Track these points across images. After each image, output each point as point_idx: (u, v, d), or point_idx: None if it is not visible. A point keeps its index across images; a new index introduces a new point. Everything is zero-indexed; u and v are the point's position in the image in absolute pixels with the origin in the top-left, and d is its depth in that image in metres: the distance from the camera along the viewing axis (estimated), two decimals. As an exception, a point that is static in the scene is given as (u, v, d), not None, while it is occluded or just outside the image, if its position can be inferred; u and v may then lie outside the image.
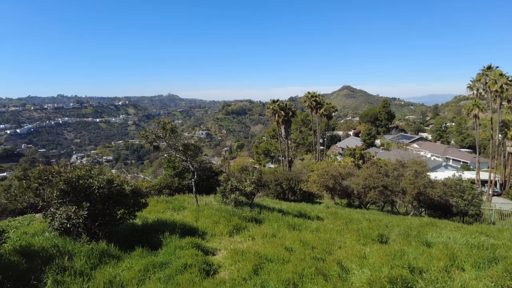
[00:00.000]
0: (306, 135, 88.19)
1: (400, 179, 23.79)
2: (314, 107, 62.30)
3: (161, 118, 17.81)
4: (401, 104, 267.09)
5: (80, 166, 9.87)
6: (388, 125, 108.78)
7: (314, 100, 61.87)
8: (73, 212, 8.66)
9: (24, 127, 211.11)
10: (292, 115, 52.55)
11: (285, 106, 51.03)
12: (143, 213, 12.44)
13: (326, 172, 26.64)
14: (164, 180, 23.32)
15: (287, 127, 52.02)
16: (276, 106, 50.38)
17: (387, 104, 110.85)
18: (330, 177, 26.24)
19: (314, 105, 61.99)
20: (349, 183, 26.44)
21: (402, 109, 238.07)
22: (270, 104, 52.22)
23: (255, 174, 16.14)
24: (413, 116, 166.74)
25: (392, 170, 25.05)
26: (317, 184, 26.83)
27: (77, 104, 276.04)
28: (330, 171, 26.72)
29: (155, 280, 7.40)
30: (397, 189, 23.22)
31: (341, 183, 26.85)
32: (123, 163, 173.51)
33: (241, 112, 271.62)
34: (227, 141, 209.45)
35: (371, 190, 23.64)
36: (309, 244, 10.48)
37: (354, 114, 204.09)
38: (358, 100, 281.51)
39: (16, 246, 8.41)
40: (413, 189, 21.78)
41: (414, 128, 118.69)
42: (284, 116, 49.93)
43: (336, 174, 26.61)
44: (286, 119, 50.59)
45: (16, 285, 6.79)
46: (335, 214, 18.89)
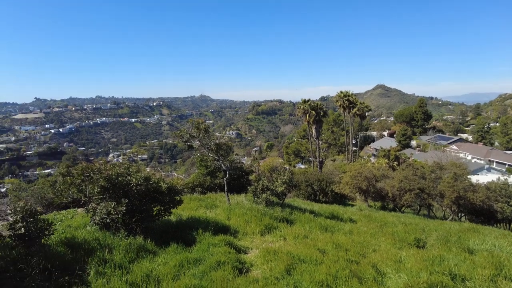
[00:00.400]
0: (338, 135, 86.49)
1: (437, 182, 22.75)
2: (347, 106, 60.95)
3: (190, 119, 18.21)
4: (439, 103, 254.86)
5: (119, 164, 10.31)
6: (425, 126, 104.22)
7: (346, 100, 60.54)
8: (113, 208, 9.07)
9: (66, 127, 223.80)
10: (324, 115, 51.68)
11: (316, 105, 50.28)
12: (178, 210, 12.77)
13: (359, 173, 26.02)
14: (197, 179, 23.79)
15: (318, 127, 51.24)
16: (307, 106, 49.80)
17: (423, 103, 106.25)
18: (364, 178, 25.59)
19: (347, 104, 60.65)
20: (383, 185, 25.66)
21: (440, 108, 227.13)
22: (300, 104, 51.70)
23: (286, 174, 16.08)
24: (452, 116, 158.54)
25: (429, 173, 24.02)
26: (349, 186, 26.27)
27: (114, 105, 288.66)
28: (363, 172, 26.07)
29: (189, 275, 7.58)
30: (435, 192, 22.22)
31: (375, 185, 26.11)
32: (157, 161, 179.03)
33: (271, 112, 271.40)
34: (257, 141, 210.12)
35: (407, 193, 22.80)
36: (342, 246, 10.31)
37: (388, 114, 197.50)
38: (393, 99, 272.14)
39: (61, 238, 8.94)
40: (452, 192, 20.74)
41: (452, 128, 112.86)
42: (315, 116, 49.22)
43: (369, 176, 25.91)
44: (317, 119, 49.85)
45: (63, 274, 7.22)
46: (368, 216, 18.43)
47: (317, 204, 24.15)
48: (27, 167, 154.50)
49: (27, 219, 7.14)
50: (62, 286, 6.84)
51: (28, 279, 6.57)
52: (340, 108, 64.52)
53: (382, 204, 28.48)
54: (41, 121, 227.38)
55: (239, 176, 24.30)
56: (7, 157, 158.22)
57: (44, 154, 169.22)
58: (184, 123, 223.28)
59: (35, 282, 6.52)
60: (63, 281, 6.99)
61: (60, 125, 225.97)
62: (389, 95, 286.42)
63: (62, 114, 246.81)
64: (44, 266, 7.22)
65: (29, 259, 7.22)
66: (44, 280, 6.79)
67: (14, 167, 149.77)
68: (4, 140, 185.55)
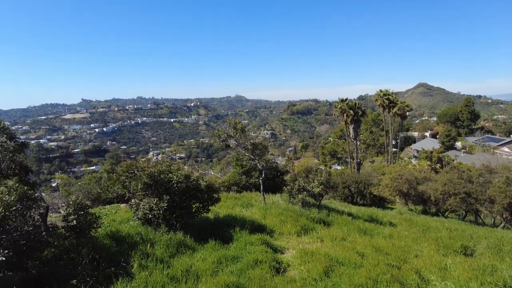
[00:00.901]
0: (377, 136, 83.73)
1: (486, 186, 21.26)
2: (387, 106, 58.77)
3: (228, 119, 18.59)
4: (488, 102, 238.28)
5: (161, 162, 10.70)
6: (471, 126, 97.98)
7: (386, 99, 58.40)
8: (155, 204, 9.43)
9: (109, 126, 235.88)
10: (362, 114, 50.31)
11: (354, 105, 49.03)
12: (215, 208, 13.02)
13: (399, 175, 25.00)
14: (233, 178, 24.12)
15: (356, 127, 49.93)
16: (344, 105, 48.71)
17: (470, 102, 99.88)
18: (404, 181, 24.55)
19: (387, 104, 58.48)
20: (426, 188, 24.45)
21: (489, 108, 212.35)
22: (337, 103, 50.67)
23: (323, 175, 15.84)
24: (504, 115, 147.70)
25: (476, 176, 22.51)
26: (389, 188, 25.31)
27: (154, 105, 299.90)
28: (404, 174, 25.01)
29: (227, 272, 7.70)
30: (483, 197, 20.78)
31: (417, 188, 24.94)
32: (194, 160, 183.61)
33: (306, 112, 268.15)
34: (292, 141, 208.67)
35: (451, 197, 21.53)
36: (382, 250, 9.97)
37: (431, 113, 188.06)
38: (436, 98, 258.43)
39: (107, 231, 9.45)
40: (504, 198, 19.28)
41: (504, 129, 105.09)
42: (353, 115, 48.01)
43: (411, 178, 24.81)
44: (355, 119, 48.60)
45: (109, 265, 7.64)
46: (409, 220, 17.68)
47: (355, 206, 23.55)
48: (74, 164, 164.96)
49: (78, 212, 7.62)
50: (109, 276, 7.22)
51: (80, 268, 7.01)
52: (380, 108, 62.39)
53: (424, 208, 27.19)
54: (87, 120, 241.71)
55: (274, 176, 24.30)
56: (57, 154, 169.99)
57: (89, 152, 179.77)
58: (220, 123, 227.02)
59: (85, 271, 6.94)
60: (109, 271, 7.38)
61: (104, 124, 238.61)
62: (431, 94, 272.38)
63: (106, 114, 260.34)
64: (93, 256, 7.68)
65: (79, 249, 7.72)
66: (93, 270, 7.21)
67: (63, 164, 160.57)
68: (55, 138, 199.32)
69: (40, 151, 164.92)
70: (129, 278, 7.20)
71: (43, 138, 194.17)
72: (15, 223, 5.97)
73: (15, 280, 6.21)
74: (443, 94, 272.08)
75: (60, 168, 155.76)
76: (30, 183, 9.28)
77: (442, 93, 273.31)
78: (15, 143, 9.17)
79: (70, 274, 6.91)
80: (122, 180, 10.63)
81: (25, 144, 9.59)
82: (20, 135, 17.85)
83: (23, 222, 6.29)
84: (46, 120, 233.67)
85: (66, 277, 6.84)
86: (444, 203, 22.48)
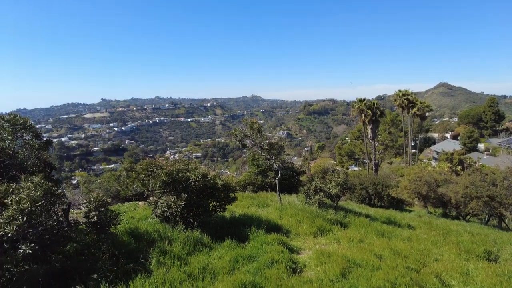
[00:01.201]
0: (395, 136, 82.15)
1: (511, 190, 20.53)
2: (406, 106, 57.52)
3: (244, 118, 18.70)
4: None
5: (179, 161, 10.84)
6: (495, 127, 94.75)
7: (405, 99, 57.17)
8: (173, 202, 9.56)
9: (128, 125, 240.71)
10: (380, 114, 49.38)
11: (373, 105, 48.19)
12: (231, 207, 13.09)
13: (419, 177, 24.45)
14: (249, 177, 24.18)
15: (374, 127, 49.07)
16: (362, 105, 47.97)
17: (494, 102, 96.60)
18: (424, 183, 23.99)
19: (406, 104, 57.25)
20: (446, 191, 23.82)
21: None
22: (355, 103, 49.94)
23: (340, 176, 15.67)
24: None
25: (501, 179, 21.75)
26: (408, 191, 24.80)
27: (172, 105, 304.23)
28: (423, 176, 24.44)
29: (244, 271, 7.73)
30: (508, 201, 20.07)
31: (436, 190, 24.33)
32: (210, 159, 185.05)
33: (323, 112, 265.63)
34: (308, 141, 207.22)
35: (473, 200, 20.90)
36: (400, 253, 9.79)
37: (451, 114, 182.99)
38: (457, 98, 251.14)
39: (126, 228, 9.65)
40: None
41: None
42: (371, 115, 47.20)
43: (430, 180, 24.22)
44: (373, 119, 47.77)
45: (128, 261, 7.80)
46: (429, 223, 17.28)
47: (372, 208, 23.22)
48: (94, 162, 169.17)
49: (99, 208, 7.80)
50: (128, 272, 7.37)
51: (100, 263, 7.19)
52: (398, 108, 61.16)
53: (444, 211, 26.49)
54: (106, 120, 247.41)
55: (290, 176, 24.23)
56: (78, 152, 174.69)
57: (108, 150, 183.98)
58: (236, 123, 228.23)
59: (105, 266, 7.11)
60: (128, 267, 7.54)
61: (122, 123, 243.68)
62: (452, 94, 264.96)
63: (125, 113, 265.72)
64: (112, 252, 7.86)
65: (100, 245, 7.91)
66: (112, 265, 7.38)
67: (83, 162, 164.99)
68: (76, 137, 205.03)
69: (62, 149, 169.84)
70: (147, 274, 7.33)
71: (64, 136, 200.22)
72: (41, 218, 6.18)
73: (40, 273, 6.43)
74: (465, 94, 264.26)
75: (80, 166, 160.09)
76: (54, 180, 9.57)
77: (464, 93, 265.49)
78: (40, 141, 9.47)
79: (91, 268, 7.09)
80: (141, 178, 10.82)
81: (49, 142, 9.88)
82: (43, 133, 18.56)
83: (47, 217, 6.50)
84: (68, 119, 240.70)
85: (88, 271, 7.03)
86: (465, 206, 21.86)
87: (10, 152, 8.39)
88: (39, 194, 6.10)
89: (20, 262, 6.63)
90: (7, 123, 8.78)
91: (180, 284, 7.08)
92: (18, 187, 6.33)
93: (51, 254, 6.98)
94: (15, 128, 8.84)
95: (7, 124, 8.78)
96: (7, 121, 8.81)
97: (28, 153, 8.88)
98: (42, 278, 6.41)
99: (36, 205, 5.97)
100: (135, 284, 6.78)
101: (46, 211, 6.40)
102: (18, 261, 6.60)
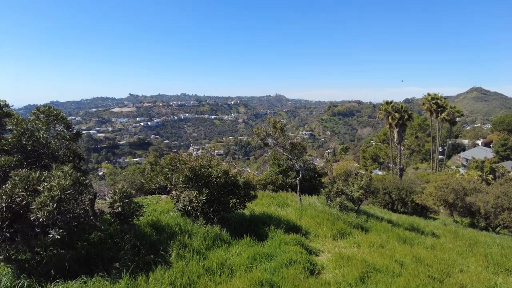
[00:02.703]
0: (422, 141, 79.61)
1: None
2: (434, 110, 55.50)
3: (267, 117, 18.75)
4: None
5: (201, 157, 11.00)
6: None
7: (434, 103, 55.16)
8: (194, 197, 9.72)
9: (154, 121, 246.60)
10: (408, 118, 47.99)
11: (400, 108, 46.94)
12: (251, 205, 13.14)
13: (445, 184, 23.59)
14: (269, 176, 24.18)
15: (400, 131, 47.77)
16: (389, 108, 46.81)
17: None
18: (451, 191, 23.12)
19: (435, 108, 55.22)
20: (475, 200, 22.85)
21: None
22: (382, 105, 48.78)
23: (364, 179, 15.38)
24: None
25: (536, 190, 20.67)
26: (433, 197, 23.99)
27: (197, 102, 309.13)
28: (451, 183, 23.56)
29: (261, 269, 7.75)
30: (543, 214, 19.05)
31: (464, 199, 23.39)
32: (232, 157, 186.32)
33: (348, 114, 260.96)
34: (331, 143, 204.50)
35: (505, 211, 19.97)
36: (423, 261, 9.51)
37: (484, 120, 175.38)
38: (491, 104, 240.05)
39: (148, 220, 9.89)
40: None
41: None
42: (398, 119, 45.96)
43: (458, 188, 23.31)
44: (400, 123, 46.50)
45: (148, 252, 8.00)
46: (454, 232, 16.67)
47: (395, 214, 22.66)
48: (119, 155, 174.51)
49: (123, 200, 8.03)
50: (148, 263, 7.57)
51: (122, 253, 7.42)
52: (427, 112, 59.07)
53: (471, 221, 25.43)
54: (133, 114, 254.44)
55: (311, 177, 24.03)
56: (105, 145, 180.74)
57: (134, 144, 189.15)
58: (259, 122, 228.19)
59: (127, 256, 7.34)
60: (149, 258, 7.74)
61: (148, 118, 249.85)
62: (486, 99, 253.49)
63: (151, 109, 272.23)
64: (134, 243, 8.08)
65: (122, 235, 8.15)
66: (134, 255, 7.59)
67: (109, 154, 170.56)
68: (104, 130, 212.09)
69: (90, 141, 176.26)
70: (167, 266, 7.50)
71: (93, 129, 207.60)
72: (69, 206, 6.45)
73: (66, 258, 6.74)
74: (500, 99, 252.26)
75: (107, 158, 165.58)
76: (82, 170, 9.95)
77: (499, 98, 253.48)
78: (70, 132, 9.87)
79: (113, 257, 7.34)
80: (164, 172, 11.07)
81: (79, 133, 10.27)
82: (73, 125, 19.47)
83: (75, 206, 6.76)
84: (96, 113, 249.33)
85: (110, 259, 7.28)
86: (496, 217, 20.92)
87: (44, 142, 8.79)
88: (68, 183, 6.37)
89: (49, 247, 6.97)
90: (42, 114, 9.21)
91: (198, 278, 7.19)
92: (50, 175, 6.64)
93: (77, 241, 7.28)
94: (48, 119, 9.26)
95: (42, 115, 9.21)
96: (42, 112, 9.24)
97: (59, 143, 9.28)
98: (68, 263, 6.70)
99: (65, 193, 6.23)
100: (155, 275, 6.94)
101: (74, 199, 6.66)
102: (47, 245, 6.95)
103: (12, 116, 9.02)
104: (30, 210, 6.03)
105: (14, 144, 8.37)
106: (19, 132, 8.44)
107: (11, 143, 8.37)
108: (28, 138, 8.53)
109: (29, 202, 6.13)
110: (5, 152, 8.18)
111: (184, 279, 7.03)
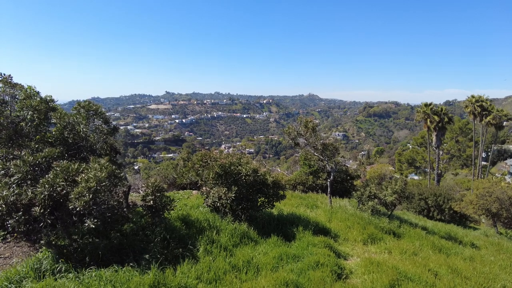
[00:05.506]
0: (463, 146, 75.22)
1: None
2: (478, 113, 52.18)
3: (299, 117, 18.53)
4: None
5: (232, 154, 11.09)
6: None
7: (479, 106, 51.87)
8: (224, 193, 9.82)
9: (188, 118, 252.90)
10: (448, 121, 45.58)
11: (440, 110, 44.65)
12: (279, 205, 13.07)
13: (489, 192, 22.14)
14: (299, 177, 23.92)
15: (440, 135, 45.46)
16: (428, 110, 44.69)
17: None
18: (494, 199, 21.67)
19: (479, 111, 51.92)
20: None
21: None
22: (421, 107, 46.68)
23: (398, 184, 14.80)
24: None
25: None
26: (474, 206, 22.60)
27: (229, 101, 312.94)
28: (495, 192, 22.08)
29: (287, 270, 7.67)
30: None
31: (510, 209, 21.84)
32: (262, 156, 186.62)
33: (384, 115, 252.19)
34: (365, 145, 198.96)
35: (555, 224, 18.42)
36: (460, 273, 8.97)
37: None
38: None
39: (179, 214, 10.10)
40: None
41: None
42: (438, 122, 43.77)
43: (503, 197, 21.79)
44: (440, 126, 44.26)
45: (177, 246, 8.18)
46: (498, 245, 15.60)
47: (431, 221, 21.62)
48: (155, 150, 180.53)
49: (156, 193, 8.27)
50: (177, 256, 7.74)
51: (152, 245, 7.65)
52: (470, 115, 55.67)
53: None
54: (168, 111, 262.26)
55: (343, 180, 23.51)
56: (141, 140, 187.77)
57: (169, 140, 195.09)
58: (291, 121, 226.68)
59: (157, 248, 7.55)
60: (177, 252, 7.91)
61: (183, 116, 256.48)
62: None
63: (186, 107, 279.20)
64: (164, 236, 8.29)
65: (153, 227, 8.40)
66: (163, 248, 7.80)
67: (145, 149, 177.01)
68: (140, 126, 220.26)
69: (127, 136, 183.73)
70: (194, 260, 7.63)
71: (130, 124, 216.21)
72: (104, 197, 6.74)
73: (100, 246, 7.06)
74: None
75: (143, 153, 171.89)
76: (118, 164, 10.35)
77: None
78: (108, 127, 10.32)
79: (144, 248, 7.58)
80: (196, 168, 11.28)
81: (116, 128, 10.71)
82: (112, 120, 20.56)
83: (109, 197, 7.06)
84: (134, 109, 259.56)
85: (141, 251, 7.52)
86: (544, 230, 19.36)
87: (83, 135, 9.26)
88: (104, 175, 6.65)
89: (85, 235, 7.34)
90: (82, 109, 9.70)
91: (224, 274, 7.25)
92: (87, 167, 6.97)
93: (111, 231, 7.59)
94: (88, 114, 9.73)
95: (82, 110, 9.70)
96: (83, 107, 9.73)
97: (97, 137, 9.73)
98: (101, 251, 7.01)
99: (101, 185, 6.51)
100: (182, 269, 7.08)
101: (109, 191, 6.95)
102: (83, 233, 7.31)
103: (56, 110, 9.57)
104: (69, 199, 6.37)
105: (57, 137, 8.88)
106: (62, 126, 8.94)
107: (54, 136, 8.89)
108: (69, 132, 9.02)
109: (68, 191, 6.48)
110: (49, 144, 8.69)
111: (211, 274, 7.12)
